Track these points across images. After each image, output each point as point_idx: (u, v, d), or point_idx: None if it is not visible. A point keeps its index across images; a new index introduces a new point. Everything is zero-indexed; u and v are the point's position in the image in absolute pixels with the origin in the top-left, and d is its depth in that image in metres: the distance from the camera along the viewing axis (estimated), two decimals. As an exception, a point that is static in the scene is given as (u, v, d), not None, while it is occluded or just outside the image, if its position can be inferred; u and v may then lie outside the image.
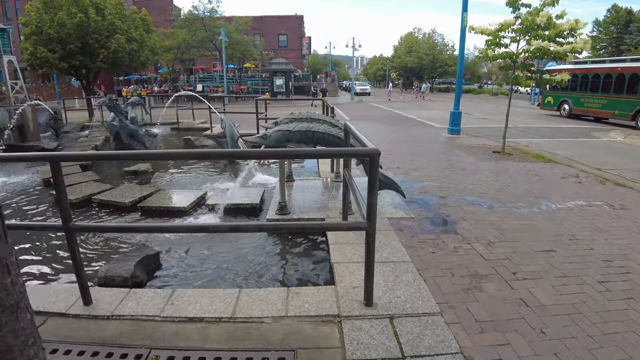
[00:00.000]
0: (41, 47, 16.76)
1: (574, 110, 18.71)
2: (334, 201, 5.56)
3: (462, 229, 4.53)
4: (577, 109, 18.54)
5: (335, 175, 6.77)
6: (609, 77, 16.89)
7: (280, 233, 5.01)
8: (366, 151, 2.77)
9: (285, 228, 4.61)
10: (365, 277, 3.00)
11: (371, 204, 2.77)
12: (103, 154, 8.23)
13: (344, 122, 5.72)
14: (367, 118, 19.41)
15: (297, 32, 50.63)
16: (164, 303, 3.19)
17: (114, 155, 7.81)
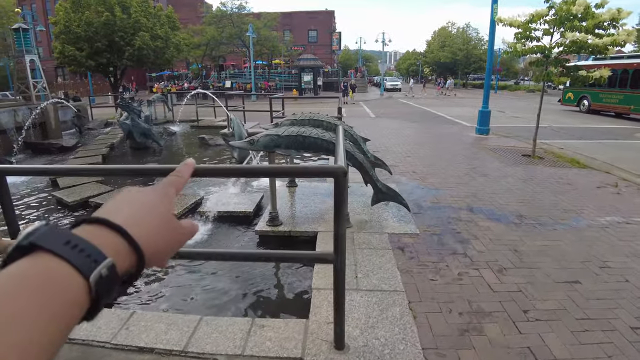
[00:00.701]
0: (69, 46, 17.06)
1: (593, 105, 18.67)
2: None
3: (472, 250, 3.93)
4: (596, 105, 18.59)
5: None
6: (625, 72, 16.83)
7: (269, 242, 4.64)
8: (330, 170, 2.26)
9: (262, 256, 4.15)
10: (334, 318, 2.50)
11: (338, 234, 2.26)
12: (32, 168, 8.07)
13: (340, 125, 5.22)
14: (393, 115, 18.68)
15: (327, 27, 50.00)
16: (119, 327, 2.89)
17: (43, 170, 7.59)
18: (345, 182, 2.21)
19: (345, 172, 2.18)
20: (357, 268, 3.60)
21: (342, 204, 2.22)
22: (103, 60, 18.33)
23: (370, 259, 3.76)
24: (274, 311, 3.38)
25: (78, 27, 16.94)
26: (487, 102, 10.84)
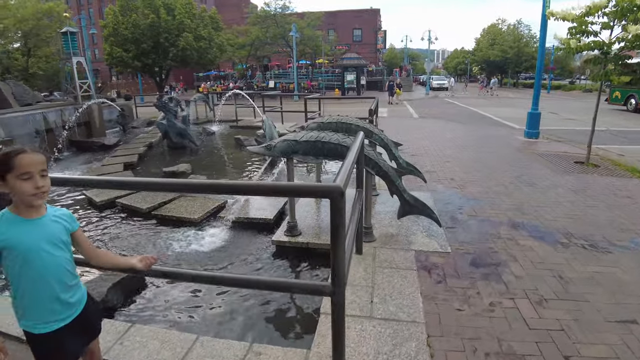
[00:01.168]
0: (117, 48, 17.70)
1: (639, 105, 18.40)
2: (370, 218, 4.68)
3: (509, 275, 3.45)
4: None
5: (373, 187, 5.86)
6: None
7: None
8: (325, 189, 1.92)
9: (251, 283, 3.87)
10: (333, 356, 2.16)
11: (336, 263, 1.92)
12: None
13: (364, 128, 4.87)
14: (437, 116, 17.95)
15: (372, 26, 49.28)
16: (114, 341, 2.75)
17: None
18: (342, 204, 1.87)
19: (342, 192, 1.84)
20: (374, 291, 3.23)
21: (337, 229, 1.88)
22: (149, 61, 18.93)
23: (390, 280, 3.39)
24: (275, 336, 3.10)
25: (125, 29, 17.58)
26: (537, 103, 10.00)
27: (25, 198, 1.53)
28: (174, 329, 3.12)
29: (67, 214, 1.73)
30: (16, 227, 1.54)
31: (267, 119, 8.95)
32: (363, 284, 3.35)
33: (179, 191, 5.44)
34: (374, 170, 4.03)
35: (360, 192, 3.61)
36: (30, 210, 1.58)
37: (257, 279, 2.11)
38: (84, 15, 27.84)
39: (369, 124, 5.53)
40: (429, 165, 7.57)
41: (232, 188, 2.23)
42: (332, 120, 5.57)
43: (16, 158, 1.50)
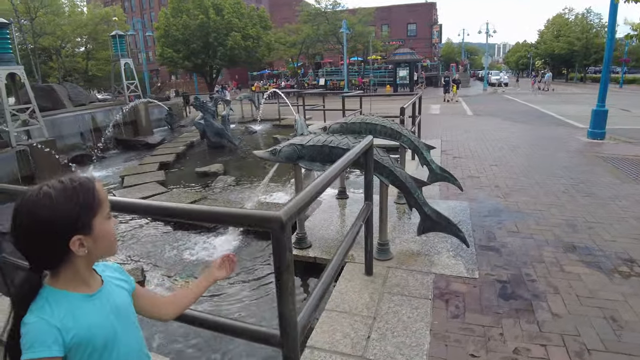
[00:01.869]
0: (167, 48, 18.22)
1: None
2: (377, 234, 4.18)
3: (546, 312, 2.82)
4: None
5: (397, 196, 5.31)
6: None
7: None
8: (261, 218, 1.48)
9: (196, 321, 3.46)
10: None
11: (283, 313, 1.50)
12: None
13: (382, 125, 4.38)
14: (493, 113, 16.72)
15: (427, 20, 47.49)
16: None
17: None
18: (284, 240, 1.43)
19: (282, 225, 1.40)
20: (374, 323, 2.75)
21: (281, 271, 1.45)
22: (198, 61, 19.34)
23: (397, 311, 2.88)
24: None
25: (176, 30, 18.05)
26: (603, 99, 8.81)
27: (110, 248, 1.04)
28: None
29: (118, 268, 1.20)
30: (83, 311, 0.99)
31: (300, 118, 8.60)
32: (364, 313, 2.88)
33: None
34: (389, 179, 3.52)
35: (368, 205, 3.13)
36: (88, 278, 1.03)
37: (202, 316, 1.74)
38: (139, 19, 29.21)
39: (397, 125, 4.99)
40: (472, 170, 6.85)
41: (159, 210, 1.86)
42: (356, 120, 5.12)
43: (96, 190, 1.00)
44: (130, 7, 55.24)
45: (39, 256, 0.95)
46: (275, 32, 32.56)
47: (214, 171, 8.41)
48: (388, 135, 4.99)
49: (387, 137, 5.03)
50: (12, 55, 8.15)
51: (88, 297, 1.01)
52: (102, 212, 1.00)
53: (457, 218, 4.66)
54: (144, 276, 4.17)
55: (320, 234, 4.38)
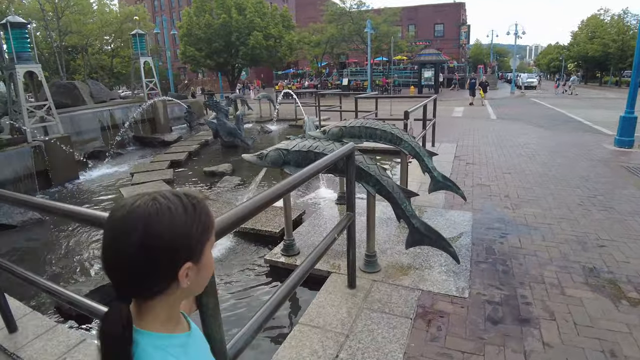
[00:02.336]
0: (190, 47, 18.42)
1: None
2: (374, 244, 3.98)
3: (536, 341, 2.57)
4: None
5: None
6: None
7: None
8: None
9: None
10: None
11: (208, 335, 1.35)
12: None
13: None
14: (516, 117, 16.15)
15: (454, 20, 46.48)
16: (64, 352, 2.65)
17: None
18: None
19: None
20: (346, 341, 2.58)
21: (201, 295, 1.30)
22: (220, 59, 19.45)
23: (373, 329, 2.69)
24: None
25: (199, 29, 18.22)
26: (632, 104, 8.28)
27: (206, 282, 0.84)
28: None
29: None
30: (198, 355, 0.85)
31: (308, 119, 8.47)
32: (338, 329, 2.70)
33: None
34: (375, 189, 3.32)
35: (349, 215, 2.95)
36: (178, 314, 0.85)
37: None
38: (165, 17, 29.76)
39: (398, 129, 4.79)
40: (483, 177, 6.54)
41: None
42: (355, 124, 4.95)
43: (210, 211, 0.82)
44: (159, 6, 56.45)
45: (141, 283, 0.73)
46: (300, 32, 32.52)
47: (222, 171, 8.36)
48: (388, 140, 4.80)
49: (388, 142, 4.84)
50: (30, 54, 8.33)
51: (188, 337, 0.83)
52: (211, 239, 0.81)
53: (458, 230, 4.41)
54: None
55: (311, 240, 4.23)
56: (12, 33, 7.81)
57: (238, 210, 1.51)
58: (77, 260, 4.77)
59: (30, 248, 5.25)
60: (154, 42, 39.81)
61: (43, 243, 5.36)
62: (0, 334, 2.88)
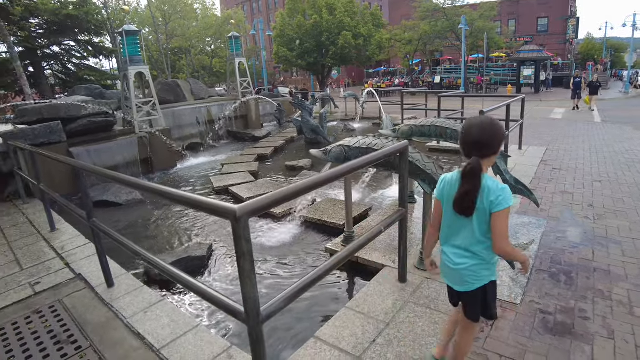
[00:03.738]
0: (282, 48, 19.37)
1: None
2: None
3: (586, 357, 2.48)
4: None
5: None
6: None
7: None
8: (221, 209, 1.64)
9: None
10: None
11: (244, 294, 1.65)
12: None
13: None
14: (627, 121, 14.39)
15: (560, 13, 42.30)
16: (143, 308, 3.22)
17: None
18: (241, 231, 1.58)
19: (236, 218, 1.54)
20: (385, 329, 2.73)
21: (239, 258, 1.59)
22: (311, 59, 20.15)
23: (414, 322, 2.81)
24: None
25: (291, 30, 19.07)
26: None
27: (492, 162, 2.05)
28: (190, 313, 3.49)
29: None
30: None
31: (387, 118, 8.58)
32: (380, 318, 2.86)
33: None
34: (431, 187, 3.38)
35: (401, 211, 3.07)
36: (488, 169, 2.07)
37: (183, 278, 2.02)
38: (261, 20, 31.40)
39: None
40: (568, 184, 6.10)
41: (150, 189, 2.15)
42: (426, 123, 5.02)
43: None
44: (257, 8, 59.70)
45: (489, 150, 1.83)
46: (391, 30, 32.23)
47: (301, 166, 8.81)
48: (458, 139, 4.76)
49: (457, 142, 4.80)
50: (140, 57, 9.60)
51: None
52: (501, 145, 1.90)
53: (527, 236, 4.25)
54: (211, 251, 4.68)
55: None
56: (127, 40, 9.05)
57: (264, 197, 1.76)
58: (166, 235, 5.51)
59: (131, 223, 6.14)
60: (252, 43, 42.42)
61: (142, 219, 6.24)
62: (101, 288, 3.56)
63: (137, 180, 2.38)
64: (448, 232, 2.03)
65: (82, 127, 8.54)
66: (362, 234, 4.36)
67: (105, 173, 2.84)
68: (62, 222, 5.47)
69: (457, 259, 1.98)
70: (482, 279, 1.97)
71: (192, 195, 1.83)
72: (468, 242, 1.94)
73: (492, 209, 1.80)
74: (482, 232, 1.89)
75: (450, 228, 2.01)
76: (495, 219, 1.81)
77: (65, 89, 17.49)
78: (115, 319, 3.12)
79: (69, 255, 4.44)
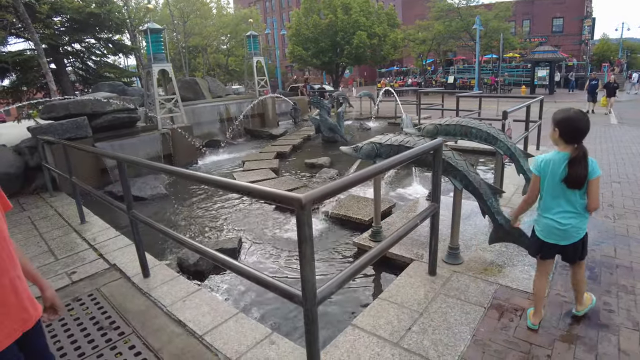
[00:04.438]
0: (297, 46, 19.54)
1: None
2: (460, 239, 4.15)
3: (612, 346, 2.60)
4: None
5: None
6: None
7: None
8: (289, 198, 1.82)
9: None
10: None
11: (303, 277, 1.81)
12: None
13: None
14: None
15: (576, 13, 41.86)
16: (182, 297, 3.39)
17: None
18: (304, 218, 1.74)
19: (302, 205, 1.71)
20: (420, 318, 2.89)
21: (301, 242, 1.76)
22: (325, 58, 20.30)
23: (447, 311, 2.96)
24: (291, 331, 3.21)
25: (307, 29, 19.24)
26: None
27: None
28: (228, 301, 3.62)
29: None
30: None
31: (406, 117, 8.70)
32: (414, 307, 3.02)
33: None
34: (462, 184, 3.53)
35: (434, 205, 3.22)
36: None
37: (242, 268, 2.20)
38: (275, 19, 31.62)
39: (494, 129, 4.87)
40: (588, 185, 6.17)
41: (203, 180, 2.34)
42: (451, 122, 5.13)
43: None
44: (270, 7, 59.98)
45: (562, 131, 2.50)
46: (405, 29, 32.22)
47: (321, 163, 8.96)
48: (483, 139, 4.88)
49: (483, 141, 4.92)
50: (164, 54, 9.83)
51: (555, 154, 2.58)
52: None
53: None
54: (241, 243, 4.86)
55: (396, 229, 4.53)
56: (150, 37, 9.28)
57: (325, 187, 1.93)
58: (194, 229, 5.72)
59: (157, 217, 6.36)
60: (265, 42, 42.68)
61: (168, 213, 6.46)
62: (137, 278, 3.76)
63: (198, 174, 2.54)
64: (552, 202, 2.56)
65: (107, 123, 8.77)
66: (390, 229, 4.55)
67: (160, 166, 3.03)
68: (91, 215, 5.70)
69: (564, 221, 2.54)
70: (582, 232, 2.60)
71: (258, 187, 2.00)
72: (572, 206, 2.51)
73: (590, 177, 2.42)
74: (582, 196, 2.49)
75: (556, 198, 2.54)
76: (592, 185, 2.45)
77: (85, 85, 17.84)
78: (154, 307, 3.30)
79: (101, 246, 4.64)
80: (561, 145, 2.51)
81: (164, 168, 3.01)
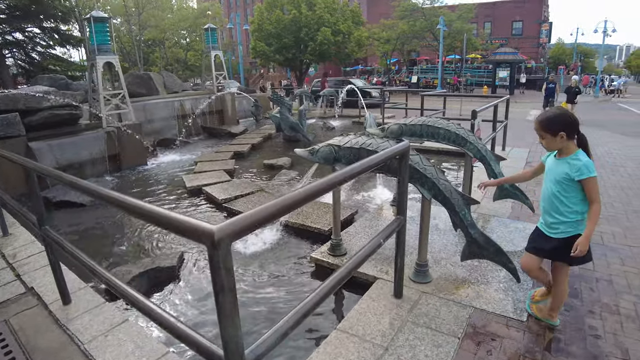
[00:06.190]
0: (260, 42, 18.88)
1: None
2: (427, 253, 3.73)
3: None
4: None
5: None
6: None
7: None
8: (197, 230, 1.25)
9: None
10: None
11: (223, 337, 1.28)
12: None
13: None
14: (601, 124, 14.76)
15: (535, 17, 43.33)
16: (106, 330, 2.80)
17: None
18: (219, 258, 1.21)
19: (214, 242, 1.17)
20: (384, 355, 2.44)
21: (218, 294, 1.23)
22: (289, 55, 19.73)
23: (415, 345, 2.51)
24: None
25: (269, 25, 18.60)
26: None
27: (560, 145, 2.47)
28: (154, 336, 2.90)
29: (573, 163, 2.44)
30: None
31: (370, 116, 8.29)
32: (377, 341, 2.55)
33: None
34: (431, 193, 3.10)
35: (399, 219, 2.77)
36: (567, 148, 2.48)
37: (153, 311, 1.63)
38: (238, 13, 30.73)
39: (463, 130, 4.50)
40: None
41: (111, 199, 1.74)
42: (417, 122, 4.72)
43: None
44: (234, 2, 58.57)
45: (569, 132, 2.38)
46: (370, 28, 32.09)
47: (280, 164, 8.44)
48: (452, 140, 4.51)
49: (451, 143, 4.55)
50: (109, 46, 8.97)
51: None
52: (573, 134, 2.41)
53: (522, 244, 4.03)
54: (182, 260, 4.27)
55: (360, 242, 4.08)
56: (95, 27, 8.43)
57: (247, 215, 1.39)
58: (135, 241, 5.03)
59: (96, 226, 5.62)
60: (228, 37, 41.45)
61: (107, 221, 5.72)
62: (56, 305, 3.11)
63: (95, 187, 1.96)
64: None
65: (43, 120, 7.92)
66: (351, 241, 4.09)
67: (61, 176, 2.40)
68: (17, 226, 4.91)
69: None
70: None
71: (155, 209, 1.45)
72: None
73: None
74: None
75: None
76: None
77: (29, 79, 16.50)
78: (70, 344, 2.69)
79: (21, 265, 3.93)
80: (570, 145, 2.40)
81: (65, 179, 2.38)
